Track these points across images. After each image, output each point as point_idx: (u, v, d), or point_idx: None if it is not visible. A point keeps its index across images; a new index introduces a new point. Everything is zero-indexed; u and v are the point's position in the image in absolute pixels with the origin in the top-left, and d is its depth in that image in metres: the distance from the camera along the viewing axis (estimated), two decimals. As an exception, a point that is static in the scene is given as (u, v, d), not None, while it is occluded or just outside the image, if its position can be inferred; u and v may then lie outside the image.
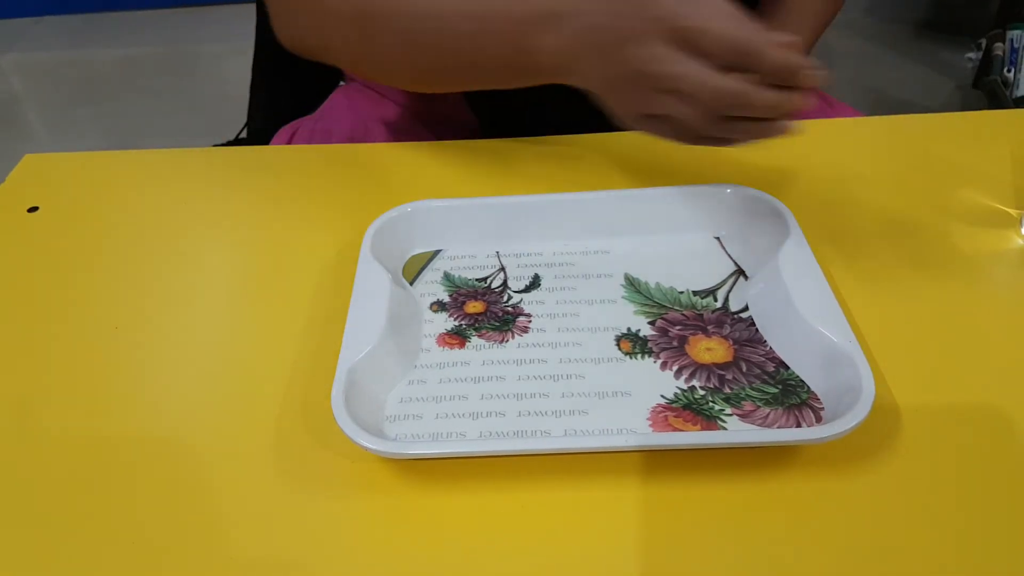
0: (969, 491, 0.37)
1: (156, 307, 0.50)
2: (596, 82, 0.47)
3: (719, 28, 0.41)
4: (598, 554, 0.35)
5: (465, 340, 0.45)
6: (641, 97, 0.44)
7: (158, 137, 1.87)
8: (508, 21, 0.48)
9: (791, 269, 0.45)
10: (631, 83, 0.44)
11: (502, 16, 0.48)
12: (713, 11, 0.41)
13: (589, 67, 0.46)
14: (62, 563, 0.37)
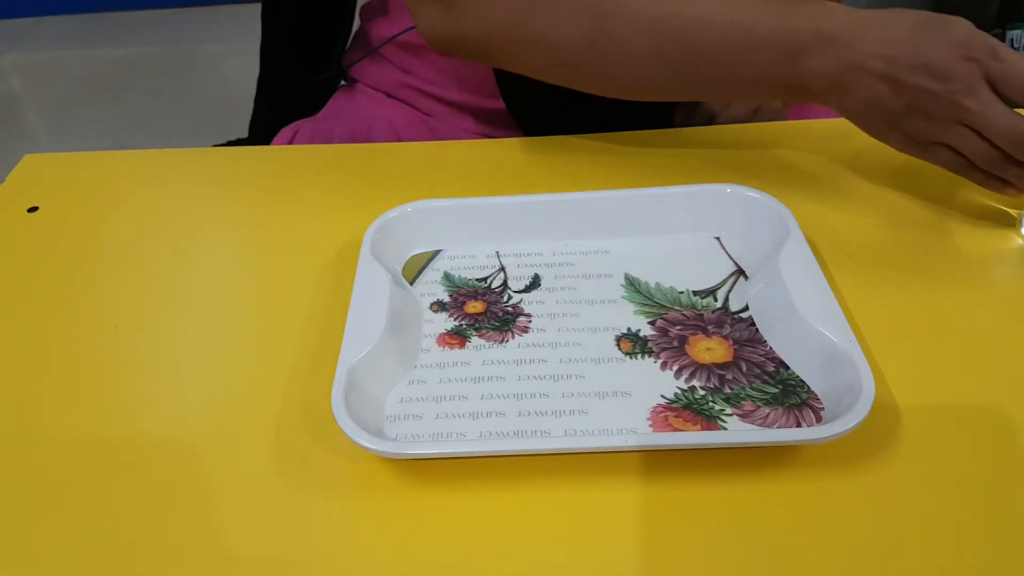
0: (969, 491, 0.37)
1: (156, 307, 0.50)
2: (870, 107, 0.48)
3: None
4: (598, 554, 0.35)
5: (465, 340, 0.45)
6: (933, 126, 0.46)
7: (158, 137, 1.88)
8: (781, 38, 0.47)
9: (791, 269, 0.45)
10: (924, 111, 0.46)
11: (776, 32, 0.47)
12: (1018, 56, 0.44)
13: (863, 92, 0.47)
14: (62, 563, 0.37)
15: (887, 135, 0.49)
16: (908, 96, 0.46)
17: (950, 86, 0.44)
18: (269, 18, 0.79)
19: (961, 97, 0.44)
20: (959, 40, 0.45)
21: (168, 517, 0.38)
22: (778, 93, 0.51)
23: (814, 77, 0.48)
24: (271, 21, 0.78)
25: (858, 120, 0.50)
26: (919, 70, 0.45)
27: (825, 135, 0.61)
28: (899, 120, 0.47)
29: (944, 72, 0.44)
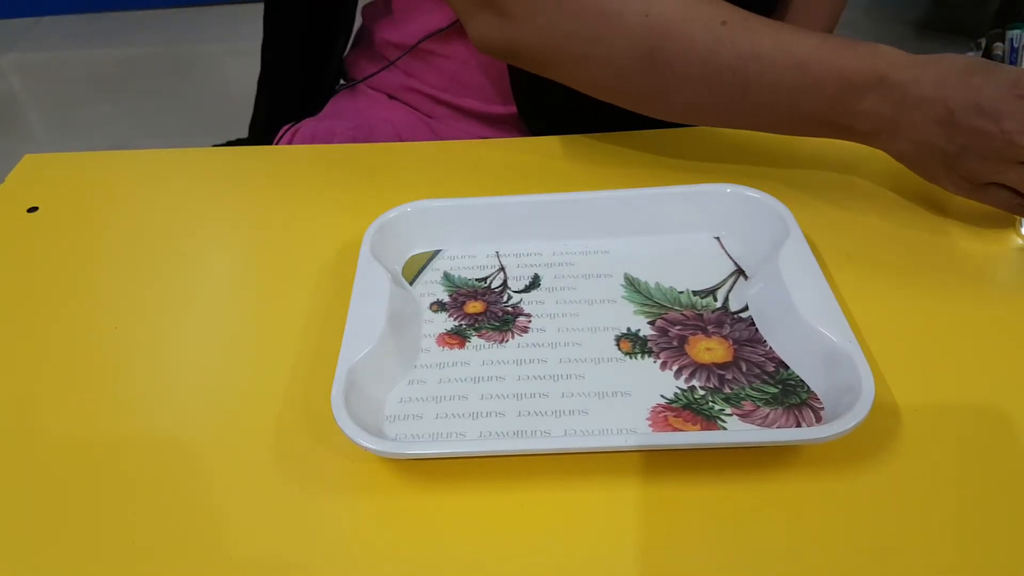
0: (969, 491, 0.37)
1: (156, 307, 0.50)
2: (922, 151, 0.48)
3: None
4: (598, 554, 0.35)
5: (465, 340, 0.45)
6: (988, 167, 0.46)
7: (158, 137, 1.87)
8: (835, 78, 0.47)
9: (791, 269, 0.45)
10: (979, 153, 0.46)
11: (830, 72, 0.47)
12: None
13: (918, 135, 0.47)
14: (62, 563, 0.37)
15: (940, 177, 0.49)
16: (962, 138, 0.46)
17: (1004, 126, 0.44)
18: (270, 17, 0.78)
19: (1017, 136, 0.44)
20: (1011, 80, 0.45)
21: (168, 517, 0.38)
22: (825, 131, 0.51)
23: (864, 118, 0.48)
24: (272, 20, 0.78)
25: (909, 162, 0.50)
26: (973, 111, 0.45)
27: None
28: (952, 162, 0.47)
29: (998, 112, 0.45)
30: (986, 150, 0.46)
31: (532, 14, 0.51)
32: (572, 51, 0.52)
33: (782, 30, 0.49)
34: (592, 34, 0.51)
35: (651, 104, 0.54)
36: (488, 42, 0.55)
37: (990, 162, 0.46)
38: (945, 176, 0.49)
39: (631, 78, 0.52)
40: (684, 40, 0.49)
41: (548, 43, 0.52)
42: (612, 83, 0.53)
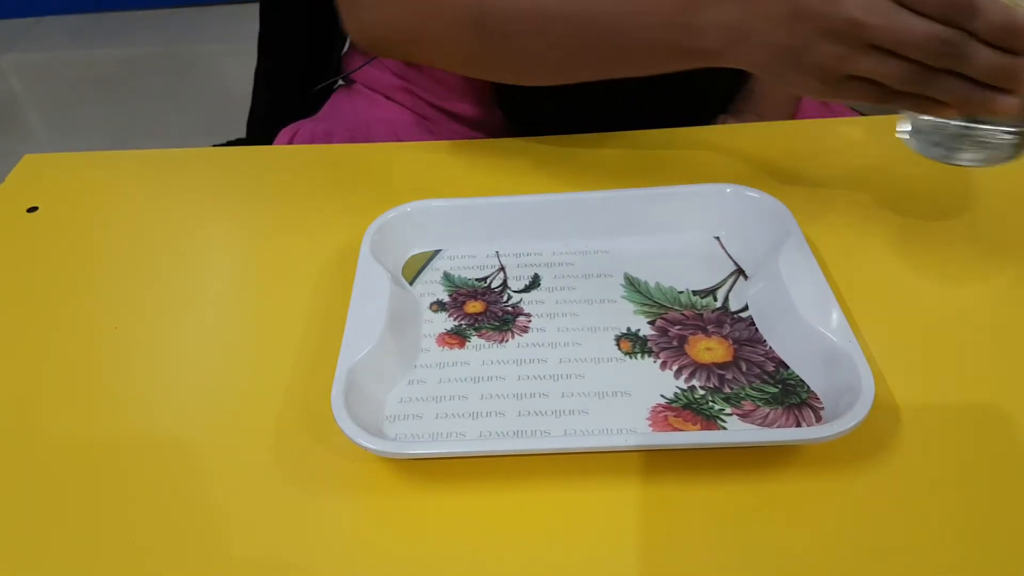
0: (969, 491, 0.37)
1: (156, 307, 0.50)
2: (772, 55, 0.44)
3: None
4: (598, 554, 0.35)
5: (465, 340, 0.45)
6: (841, 59, 0.41)
7: (158, 137, 1.87)
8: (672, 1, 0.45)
9: (791, 269, 0.45)
10: (828, 45, 0.41)
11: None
12: None
13: (765, 38, 0.43)
14: (62, 563, 0.37)
15: (799, 83, 0.44)
16: (803, 30, 0.42)
17: (844, 6, 0.40)
18: (267, 18, 0.78)
19: (861, 14, 0.39)
20: None
21: (168, 516, 0.38)
22: (674, 59, 0.48)
23: (710, 33, 0.45)
24: (269, 20, 0.78)
25: (768, 75, 0.45)
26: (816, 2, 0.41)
27: (825, 135, 0.61)
28: (801, 59, 0.43)
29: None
30: (832, 37, 0.41)
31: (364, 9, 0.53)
32: (409, 38, 0.53)
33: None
34: (420, 20, 0.52)
35: (500, 73, 0.53)
36: (352, 36, 0.56)
37: (838, 51, 0.41)
38: (799, 79, 0.44)
39: (472, 47, 0.52)
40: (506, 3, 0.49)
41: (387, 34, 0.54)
42: (460, 56, 0.53)
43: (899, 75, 0.41)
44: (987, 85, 0.40)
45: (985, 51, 0.38)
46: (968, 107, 0.41)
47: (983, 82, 0.40)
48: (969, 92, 0.40)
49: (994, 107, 0.40)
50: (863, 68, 0.41)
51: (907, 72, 0.40)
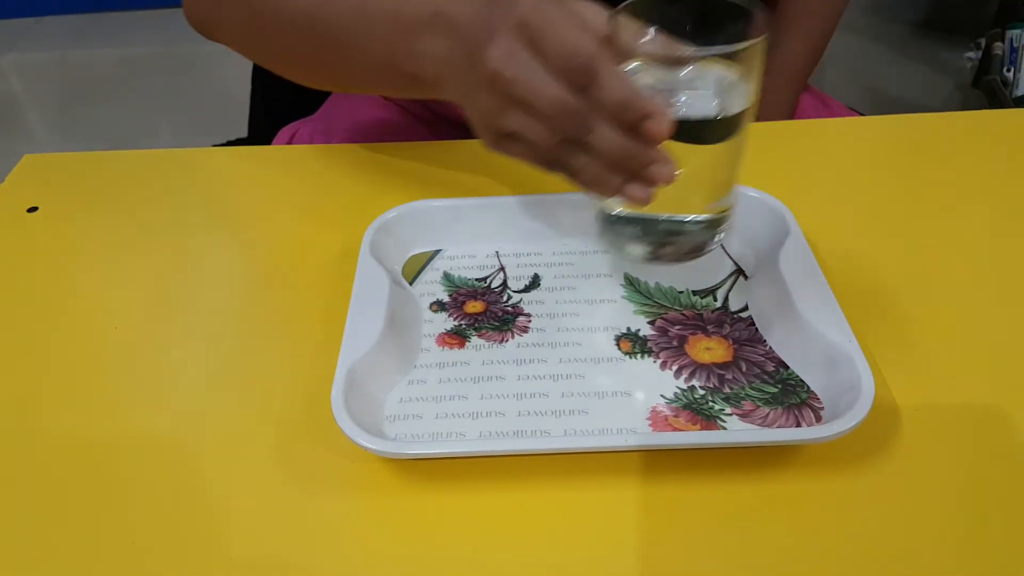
0: (969, 491, 0.37)
1: (156, 307, 0.50)
2: (462, 94, 0.40)
3: (562, 32, 0.34)
4: (598, 554, 0.35)
5: (465, 340, 0.45)
6: (494, 109, 0.38)
7: (158, 137, 1.87)
8: (392, 17, 0.43)
9: (791, 269, 0.45)
10: (486, 91, 0.37)
11: (387, 11, 0.43)
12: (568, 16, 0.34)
13: (457, 74, 0.40)
14: (62, 562, 0.37)
15: (478, 132, 0.40)
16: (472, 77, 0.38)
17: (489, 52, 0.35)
18: None
19: (495, 62, 0.35)
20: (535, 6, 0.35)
21: (168, 516, 0.38)
22: (400, 82, 0.46)
23: (425, 61, 0.42)
24: None
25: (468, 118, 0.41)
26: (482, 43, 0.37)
27: (825, 135, 0.61)
28: (474, 109, 0.39)
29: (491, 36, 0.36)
30: (487, 88, 0.37)
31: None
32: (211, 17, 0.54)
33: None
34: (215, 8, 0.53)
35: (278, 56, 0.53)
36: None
37: (492, 103, 0.37)
38: (477, 128, 0.40)
39: (245, 35, 0.53)
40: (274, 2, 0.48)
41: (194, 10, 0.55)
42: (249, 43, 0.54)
43: (542, 139, 0.36)
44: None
45: (605, 130, 0.34)
46: (600, 190, 0.36)
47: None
48: (598, 173, 0.35)
49: (623, 194, 0.35)
50: (512, 125, 0.37)
51: (548, 138, 0.36)
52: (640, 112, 0.32)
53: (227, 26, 0.54)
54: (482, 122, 0.39)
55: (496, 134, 0.38)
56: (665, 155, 0.33)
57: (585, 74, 0.33)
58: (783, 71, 0.68)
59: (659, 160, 0.33)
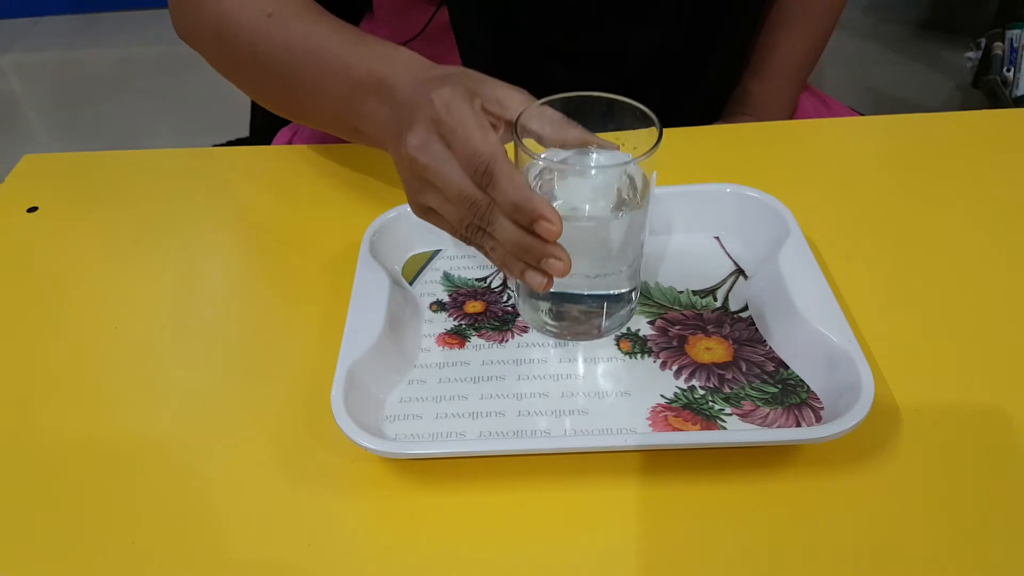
0: (969, 491, 0.37)
1: (156, 307, 0.50)
2: (395, 161, 0.43)
3: (466, 132, 0.37)
4: (598, 554, 0.35)
5: (465, 340, 0.45)
6: (415, 187, 0.40)
7: (158, 137, 1.87)
8: (344, 77, 0.46)
9: (791, 269, 0.45)
10: (407, 169, 0.40)
11: (341, 70, 0.46)
12: (474, 116, 0.38)
13: (391, 142, 0.43)
14: (62, 562, 0.37)
15: (408, 197, 0.42)
16: (397, 151, 0.41)
17: (407, 138, 0.39)
18: None
19: (411, 149, 0.38)
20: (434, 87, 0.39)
21: (168, 516, 0.38)
22: (351, 133, 0.49)
23: (368, 122, 0.45)
24: None
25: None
26: (408, 122, 0.40)
27: (825, 135, 0.61)
28: (404, 178, 0.41)
29: (412, 121, 0.39)
30: (406, 166, 0.40)
31: (171, 8, 0.58)
32: (191, 40, 0.57)
33: (319, 24, 0.48)
34: (192, 26, 0.56)
35: (244, 86, 0.55)
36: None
37: (411, 180, 0.40)
38: (406, 193, 0.42)
39: (222, 63, 0.55)
40: (234, 27, 0.51)
41: (178, 28, 0.58)
42: (219, 67, 0.56)
43: (455, 221, 0.39)
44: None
45: (504, 224, 0.37)
46: (506, 272, 0.39)
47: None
48: (503, 257, 0.38)
49: (523, 279, 0.37)
50: (429, 202, 0.40)
51: (459, 221, 0.39)
52: (533, 214, 0.35)
53: (202, 51, 0.56)
54: (407, 191, 0.42)
55: (418, 205, 0.41)
56: (559, 250, 0.36)
57: (484, 175, 0.36)
58: (784, 69, 0.69)
59: (553, 255, 0.36)
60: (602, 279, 0.40)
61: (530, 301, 0.42)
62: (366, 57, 0.45)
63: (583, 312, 0.41)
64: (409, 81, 0.42)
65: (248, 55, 0.51)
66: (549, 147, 0.39)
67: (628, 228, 0.38)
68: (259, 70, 0.52)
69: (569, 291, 0.40)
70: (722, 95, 0.71)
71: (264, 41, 0.50)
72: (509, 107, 0.40)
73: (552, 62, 0.62)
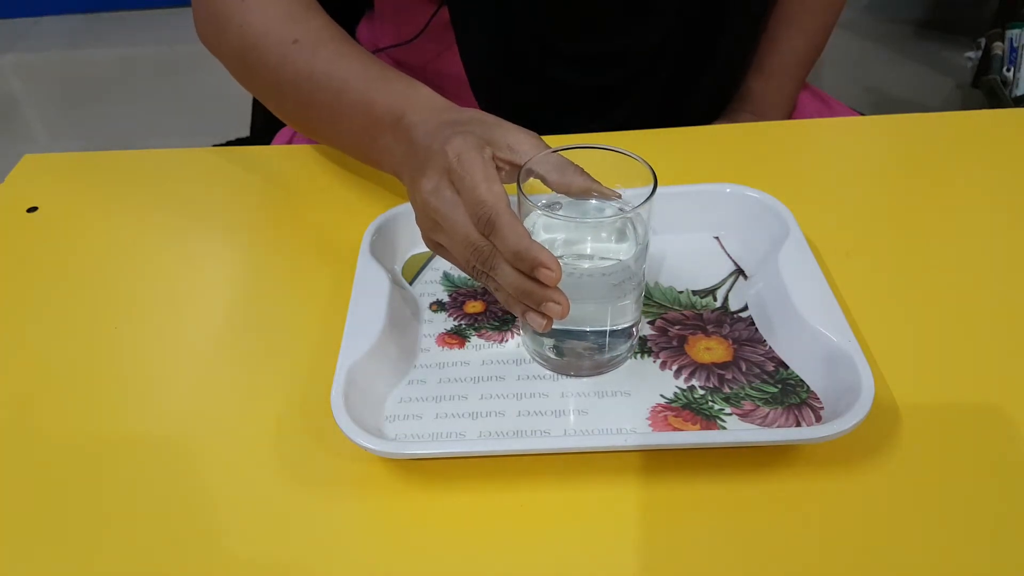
0: (969, 490, 0.37)
1: (156, 307, 0.50)
2: (409, 196, 0.44)
3: (473, 182, 0.39)
4: (598, 554, 0.35)
5: (465, 340, 0.45)
6: (427, 225, 0.42)
7: (158, 137, 1.87)
8: (363, 111, 0.48)
9: (791, 269, 0.45)
10: (420, 209, 0.42)
11: (360, 104, 0.48)
12: (483, 166, 0.40)
13: (407, 177, 0.45)
14: (62, 562, 0.37)
15: (421, 230, 0.44)
16: (413, 192, 0.43)
17: (420, 183, 0.41)
18: None
19: (424, 194, 0.41)
20: (446, 136, 0.41)
21: (168, 516, 0.38)
22: (370, 163, 0.51)
23: (385, 155, 0.48)
24: None
25: None
26: (422, 165, 0.42)
27: (825, 135, 0.61)
28: (416, 214, 0.43)
29: (425, 164, 0.41)
30: (416, 203, 0.42)
31: (195, 17, 0.58)
32: (214, 51, 0.58)
33: (341, 55, 0.50)
34: (215, 38, 0.56)
35: (265, 103, 0.57)
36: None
37: (424, 220, 0.42)
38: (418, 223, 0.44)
39: (244, 79, 0.57)
40: (261, 52, 0.53)
41: (201, 35, 0.58)
42: (242, 83, 0.58)
43: (462, 260, 0.41)
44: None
45: (506, 269, 0.39)
46: (510, 310, 0.40)
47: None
48: (506, 298, 0.40)
49: (524, 320, 0.39)
50: (440, 240, 0.42)
51: (465, 261, 0.40)
52: (533, 262, 0.37)
53: (226, 65, 0.58)
54: (421, 227, 0.43)
55: (430, 240, 0.43)
56: (558, 294, 0.38)
57: (487, 223, 0.38)
58: (784, 67, 0.69)
59: (552, 299, 0.38)
60: (604, 316, 0.41)
61: (534, 337, 0.43)
62: (387, 93, 0.47)
63: (586, 348, 0.42)
64: (426, 122, 0.44)
65: (272, 80, 0.53)
66: (556, 191, 0.41)
67: (627, 269, 0.40)
68: (281, 95, 0.54)
69: (571, 327, 0.41)
70: (723, 95, 0.71)
71: (288, 68, 0.51)
72: (520, 151, 0.41)
73: (552, 62, 0.62)
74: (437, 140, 0.42)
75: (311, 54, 0.51)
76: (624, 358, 0.43)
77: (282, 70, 0.52)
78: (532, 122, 0.66)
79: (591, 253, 0.41)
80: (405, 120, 0.45)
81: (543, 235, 0.41)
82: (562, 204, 0.42)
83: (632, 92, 0.65)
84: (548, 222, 0.41)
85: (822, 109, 0.73)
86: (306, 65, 0.51)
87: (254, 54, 0.53)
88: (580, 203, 0.42)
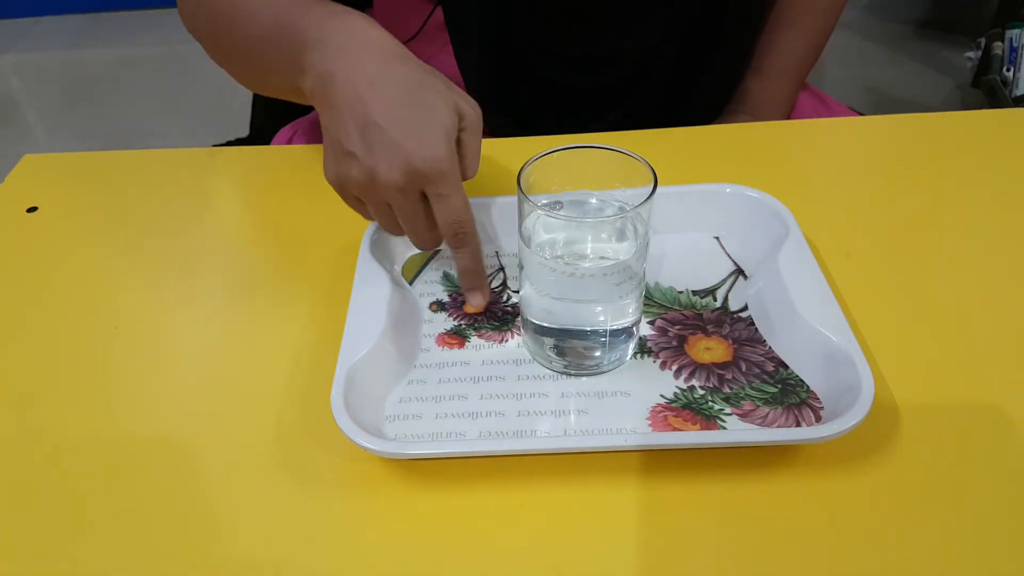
0: (968, 490, 0.37)
1: (156, 307, 0.50)
2: (323, 128, 0.44)
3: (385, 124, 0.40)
4: (598, 554, 0.35)
5: (464, 340, 0.45)
6: (338, 156, 0.42)
7: (158, 137, 1.87)
8: (290, 31, 0.46)
9: (790, 269, 0.45)
10: (330, 140, 0.42)
11: (288, 24, 0.46)
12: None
13: (322, 105, 0.44)
14: (62, 562, 0.37)
15: (327, 170, 0.44)
16: (324, 119, 0.42)
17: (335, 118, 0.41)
18: None
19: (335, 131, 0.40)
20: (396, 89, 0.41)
21: (168, 516, 0.38)
22: (296, 93, 0.48)
23: (307, 75, 0.45)
24: None
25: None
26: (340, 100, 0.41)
27: (825, 135, 0.61)
28: (327, 144, 0.43)
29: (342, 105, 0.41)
30: (333, 136, 0.42)
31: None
32: (192, 29, 0.57)
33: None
34: (192, 17, 0.56)
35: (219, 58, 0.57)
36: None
37: (337, 151, 0.42)
38: (329, 170, 0.43)
39: (216, 51, 0.56)
40: (227, 18, 0.52)
41: (183, 17, 0.57)
42: (216, 54, 0.57)
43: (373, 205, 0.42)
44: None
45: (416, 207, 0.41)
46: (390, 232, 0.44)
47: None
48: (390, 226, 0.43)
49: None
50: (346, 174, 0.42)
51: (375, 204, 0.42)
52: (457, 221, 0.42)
53: (200, 40, 0.57)
54: (327, 157, 0.43)
55: (334, 175, 0.43)
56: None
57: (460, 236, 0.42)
58: (783, 68, 0.69)
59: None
60: (604, 316, 0.41)
61: (535, 337, 0.43)
62: (318, 12, 0.46)
63: (586, 348, 0.42)
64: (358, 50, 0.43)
65: (206, 10, 0.52)
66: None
67: (627, 269, 0.40)
68: (215, 27, 0.53)
69: (571, 327, 0.41)
70: (723, 96, 0.71)
71: (227, 9, 0.51)
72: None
73: (550, 63, 0.62)
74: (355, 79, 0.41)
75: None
76: (624, 358, 0.43)
77: (218, 14, 0.51)
78: (531, 123, 0.66)
79: (591, 253, 0.41)
80: (329, 44, 0.43)
81: (543, 235, 0.41)
82: (562, 204, 0.42)
83: (631, 93, 0.65)
84: (548, 222, 0.41)
85: (821, 109, 0.72)
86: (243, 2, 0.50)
87: (221, 19, 0.52)
88: (580, 203, 0.42)
